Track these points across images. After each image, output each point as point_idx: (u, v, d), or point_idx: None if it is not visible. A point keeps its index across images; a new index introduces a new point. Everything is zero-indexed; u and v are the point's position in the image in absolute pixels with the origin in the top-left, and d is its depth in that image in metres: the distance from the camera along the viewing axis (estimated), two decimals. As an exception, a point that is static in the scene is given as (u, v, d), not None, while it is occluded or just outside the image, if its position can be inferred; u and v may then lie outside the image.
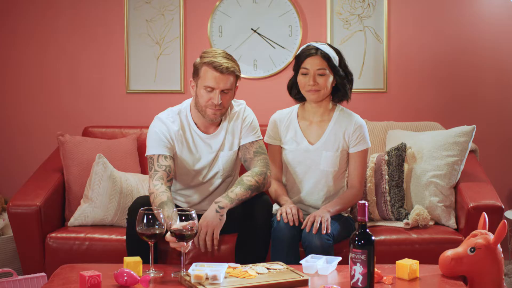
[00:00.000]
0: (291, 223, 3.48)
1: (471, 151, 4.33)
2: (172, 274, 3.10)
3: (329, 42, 4.63)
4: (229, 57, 3.56)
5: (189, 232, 3.05)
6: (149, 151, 3.61)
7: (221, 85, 3.48)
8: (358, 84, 4.67)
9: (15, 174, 4.81)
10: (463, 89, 4.74)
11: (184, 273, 3.03)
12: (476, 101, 4.74)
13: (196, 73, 3.56)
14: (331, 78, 3.68)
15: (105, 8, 4.75)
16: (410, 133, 4.25)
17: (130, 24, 4.74)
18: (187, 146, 3.64)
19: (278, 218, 3.51)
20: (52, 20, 4.76)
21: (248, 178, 3.54)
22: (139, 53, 4.76)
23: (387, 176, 3.99)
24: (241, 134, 3.69)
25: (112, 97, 4.80)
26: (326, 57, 3.67)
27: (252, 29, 4.72)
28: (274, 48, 4.70)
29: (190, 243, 3.10)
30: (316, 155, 3.70)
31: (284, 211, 3.52)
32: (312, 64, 3.68)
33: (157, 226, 3.02)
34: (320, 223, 3.53)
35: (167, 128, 3.62)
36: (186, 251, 3.15)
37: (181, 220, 3.03)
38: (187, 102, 3.71)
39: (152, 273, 3.06)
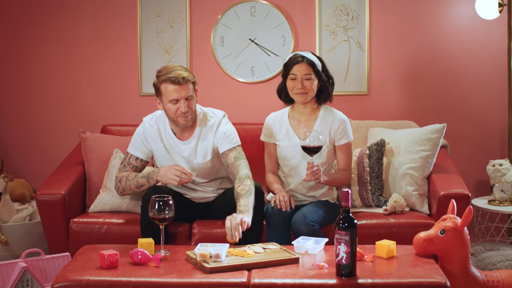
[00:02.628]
0: (283, 209, 3.49)
1: (442, 146, 4.31)
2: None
3: (317, 50, 4.63)
4: (181, 68, 3.54)
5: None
6: (128, 148, 3.69)
7: (183, 94, 3.46)
8: (343, 88, 4.66)
9: (41, 167, 4.78)
10: (436, 92, 4.72)
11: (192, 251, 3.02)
12: (447, 102, 4.72)
13: (158, 92, 3.53)
14: (316, 82, 3.69)
15: (120, 21, 4.73)
16: (389, 131, 4.24)
17: (142, 35, 4.71)
18: (163, 148, 3.63)
19: (272, 205, 3.51)
20: (74, 31, 4.75)
21: (241, 187, 3.46)
22: (150, 60, 4.72)
23: (368, 168, 3.98)
24: (218, 144, 3.63)
25: (127, 99, 4.78)
26: (311, 64, 3.69)
27: (250, 39, 4.68)
28: (269, 56, 4.67)
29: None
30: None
31: (277, 198, 3.52)
32: (299, 70, 3.69)
33: (167, 212, 3.02)
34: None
35: (146, 131, 3.63)
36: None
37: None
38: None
39: (163, 252, 3.08)
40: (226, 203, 3.62)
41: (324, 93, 3.75)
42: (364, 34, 4.67)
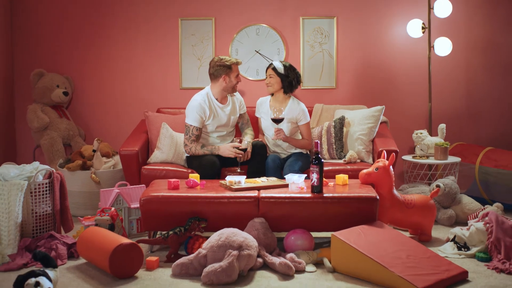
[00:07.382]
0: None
1: (383, 122, 4.66)
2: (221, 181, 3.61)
3: (301, 58, 4.93)
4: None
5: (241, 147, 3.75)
6: (188, 120, 3.97)
7: (239, 71, 4.07)
8: (319, 84, 4.95)
9: (116, 135, 5.08)
10: (380, 86, 5.01)
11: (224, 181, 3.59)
12: (388, 92, 5.00)
13: (228, 71, 3.98)
14: (278, 80, 4.14)
15: (167, 38, 5.02)
16: (348, 111, 4.58)
17: (182, 48, 5.01)
18: (211, 113, 4.02)
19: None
20: (135, 46, 5.03)
21: (251, 133, 4.06)
22: (187, 65, 5.00)
23: (333, 134, 4.39)
24: (239, 108, 4.12)
25: (172, 91, 5.06)
26: (274, 69, 4.15)
27: (255, 50, 4.98)
28: (269, 62, 4.87)
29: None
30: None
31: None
32: (268, 71, 4.19)
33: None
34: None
35: (201, 104, 3.97)
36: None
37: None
38: (208, 88, 4.12)
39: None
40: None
41: (284, 88, 4.15)
42: (333, 47, 4.96)
